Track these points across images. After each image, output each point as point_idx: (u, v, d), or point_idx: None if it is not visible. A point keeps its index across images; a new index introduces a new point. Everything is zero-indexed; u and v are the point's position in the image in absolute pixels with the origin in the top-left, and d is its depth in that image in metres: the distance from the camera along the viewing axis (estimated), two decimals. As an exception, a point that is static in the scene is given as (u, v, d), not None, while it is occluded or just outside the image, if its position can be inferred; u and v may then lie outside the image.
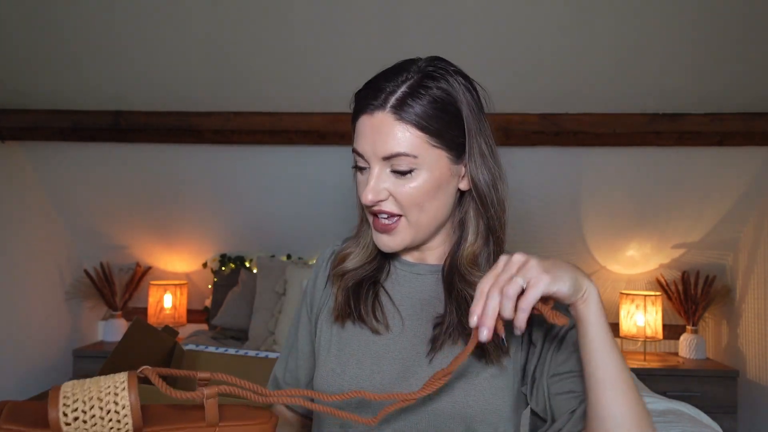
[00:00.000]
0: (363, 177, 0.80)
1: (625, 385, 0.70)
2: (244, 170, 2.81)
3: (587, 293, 0.69)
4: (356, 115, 0.79)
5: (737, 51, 2.02)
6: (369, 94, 0.78)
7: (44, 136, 2.63)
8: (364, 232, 0.88)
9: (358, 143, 0.78)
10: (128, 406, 0.56)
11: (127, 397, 0.57)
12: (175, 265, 3.28)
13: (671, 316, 3.02)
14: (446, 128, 0.78)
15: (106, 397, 0.57)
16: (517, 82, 2.22)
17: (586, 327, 0.70)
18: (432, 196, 0.78)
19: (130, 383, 0.58)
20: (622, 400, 0.69)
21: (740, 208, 2.73)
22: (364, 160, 0.78)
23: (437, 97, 0.77)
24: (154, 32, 2.06)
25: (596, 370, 0.70)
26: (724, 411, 2.67)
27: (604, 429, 0.70)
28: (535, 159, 2.61)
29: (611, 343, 0.70)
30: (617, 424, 0.69)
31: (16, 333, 2.76)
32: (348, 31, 2.03)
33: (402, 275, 0.88)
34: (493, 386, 0.79)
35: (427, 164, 0.77)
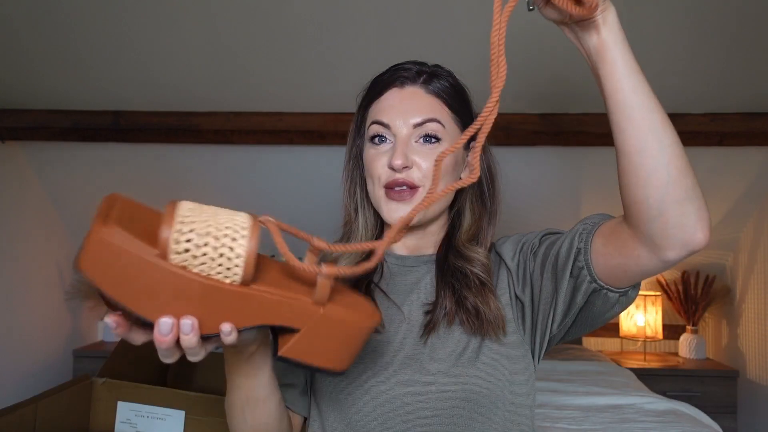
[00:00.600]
0: (381, 150, 0.83)
1: (657, 106, 0.63)
2: (244, 170, 2.81)
3: (606, 5, 0.61)
4: (382, 90, 0.84)
5: (737, 51, 2.02)
6: (398, 71, 0.84)
7: (44, 136, 2.63)
8: (353, 233, 0.89)
9: (385, 114, 0.82)
10: (243, 257, 0.51)
11: (245, 246, 0.51)
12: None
13: (671, 316, 3.02)
14: (463, 111, 0.86)
15: (223, 238, 0.51)
16: (517, 82, 2.22)
17: (605, 48, 0.63)
18: (448, 172, 0.82)
19: (252, 230, 0.53)
20: (659, 122, 0.62)
21: (740, 208, 2.73)
22: (390, 132, 0.82)
23: (454, 83, 0.86)
24: (154, 32, 2.06)
25: (626, 101, 0.62)
26: (723, 411, 2.67)
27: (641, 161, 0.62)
28: (535, 159, 2.61)
29: (634, 63, 0.64)
30: (658, 153, 0.61)
31: (15, 333, 2.76)
32: (348, 31, 2.03)
33: (395, 270, 0.88)
34: (495, 361, 0.79)
35: (450, 138, 0.82)
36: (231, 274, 0.52)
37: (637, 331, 2.88)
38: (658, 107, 0.63)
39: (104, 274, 0.50)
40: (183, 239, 0.50)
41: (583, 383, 2.22)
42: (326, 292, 0.55)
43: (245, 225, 0.53)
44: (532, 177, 2.66)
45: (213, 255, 0.51)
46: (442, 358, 0.79)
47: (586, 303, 0.74)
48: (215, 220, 0.52)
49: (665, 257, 0.63)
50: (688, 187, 0.62)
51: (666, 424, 1.78)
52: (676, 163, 0.61)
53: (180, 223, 0.51)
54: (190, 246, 0.50)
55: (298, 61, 2.18)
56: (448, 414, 0.77)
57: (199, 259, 0.50)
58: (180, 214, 0.52)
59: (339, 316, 0.57)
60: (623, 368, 2.57)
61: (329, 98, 2.33)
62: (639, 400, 2.00)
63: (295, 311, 0.55)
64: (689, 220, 0.62)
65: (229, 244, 0.51)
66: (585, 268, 0.71)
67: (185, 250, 0.50)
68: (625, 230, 0.67)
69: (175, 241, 0.50)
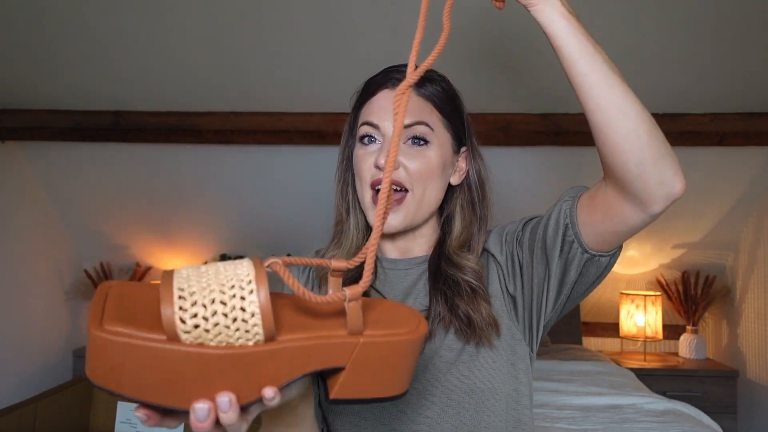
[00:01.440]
0: (369, 150, 0.83)
1: (617, 80, 0.65)
2: (244, 170, 2.81)
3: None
4: (374, 92, 0.84)
5: (737, 51, 2.02)
6: (390, 73, 0.84)
7: (44, 136, 2.63)
8: (344, 234, 0.89)
9: (375, 115, 0.83)
10: (258, 313, 0.46)
11: (256, 301, 0.46)
12: (175, 265, 3.28)
13: (671, 316, 3.02)
14: (453, 116, 0.86)
15: (231, 300, 0.46)
16: (517, 82, 2.22)
17: (553, 35, 0.66)
18: (437, 175, 0.83)
19: (258, 281, 0.47)
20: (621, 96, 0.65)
21: (740, 208, 2.73)
22: (378, 132, 0.82)
23: (446, 88, 0.86)
24: (154, 32, 2.06)
25: (584, 81, 0.65)
26: (723, 411, 2.67)
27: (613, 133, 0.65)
28: (535, 159, 2.61)
29: (586, 45, 0.65)
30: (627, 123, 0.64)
31: (16, 333, 2.76)
32: (348, 32, 2.03)
33: (389, 273, 0.89)
34: (494, 355, 0.80)
35: (438, 141, 0.83)
36: (252, 335, 0.47)
37: (637, 331, 2.88)
38: (618, 81, 0.65)
39: (118, 378, 0.45)
40: (188, 315, 0.45)
41: (583, 383, 2.22)
42: (359, 318, 0.50)
43: (250, 277, 0.47)
44: (532, 177, 2.66)
45: (226, 322, 0.46)
46: (443, 357, 0.80)
47: (579, 275, 0.76)
48: (217, 281, 0.47)
49: (652, 211, 0.67)
50: (660, 145, 0.65)
51: (666, 424, 1.78)
52: (644, 127, 0.65)
53: (180, 298, 0.46)
54: (199, 321, 0.45)
55: (298, 61, 2.18)
56: (454, 410, 0.78)
57: (213, 331, 0.46)
58: (177, 287, 0.46)
59: (381, 340, 0.51)
60: (623, 368, 2.57)
61: (329, 98, 2.33)
62: (639, 400, 2.00)
63: (333, 351, 0.50)
64: (667, 175, 0.65)
65: (239, 304, 0.46)
66: (576, 241, 0.74)
67: (195, 326, 0.45)
68: (608, 194, 0.70)
69: (180, 319, 0.45)
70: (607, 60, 0.65)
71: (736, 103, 2.31)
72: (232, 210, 3.00)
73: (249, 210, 2.99)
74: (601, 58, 0.65)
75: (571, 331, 2.99)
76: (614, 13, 1.91)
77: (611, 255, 0.75)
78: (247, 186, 2.88)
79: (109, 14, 1.98)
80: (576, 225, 0.74)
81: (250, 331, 0.46)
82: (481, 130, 2.89)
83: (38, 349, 2.89)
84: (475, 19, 1.95)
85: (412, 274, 0.87)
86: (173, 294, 0.46)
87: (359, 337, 0.51)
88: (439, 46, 0.56)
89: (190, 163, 2.79)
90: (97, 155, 2.78)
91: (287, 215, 2.96)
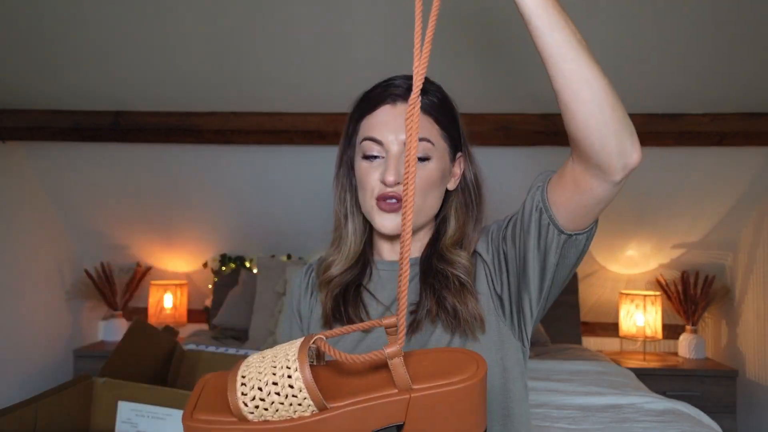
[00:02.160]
0: (374, 164, 0.86)
1: (585, 55, 0.65)
2: (244, 170, 2.81)
3: None
4: (373, 107, 0.87)
5: (737, 51, 2.02)
6: (388, 89, 0.86)
7: (44, 136, 2.63)
8: (343, 239, 0.93)
9: (378, 131, 0.85)
10: (304, 388, 0.52)
11: (300, 377, 0.52)
12: (175, 265, 3.28)
13: (671, 316, 3.02)
14: (450, 126, 0.88)
15: (281, 379, 0.53)
16: (517, 82, 2.23)
17: (524, 10, 0.66)
18: (436, 186, 0.86)
19: (300, 358, 0.53)
20: (587, 70, 0.65)
21: (740, 208, 2.73)
22: (382, 148, 0.85)
23: (442, 98, 0.89)
24: (154, 33, 2.06)
25: (553, 54, 0.65)
26: (723, 411, 2.67)
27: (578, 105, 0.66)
28: (535, 159, 2.61)
29: (557, 19, 0.64)
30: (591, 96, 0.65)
31: (16, 333, 2.77)
32: (347, 32, 2.04)
33: (384, 275, 0.92)
34: (482, 350, 0.82)
35: (438, 154, 0.86)
36: (305, 407, 0.53)
37: (637, 331, 2.88)
38: (585, 56, 0.65)
39: None
40: (249, 398, 0.53)
41: (583, 383, 2.22)
42: (404, 375, 0.52)
43: (294, 356, 0.54)
44: (532, 177, 2.66)
45: (281, 399, 0.52)
46: None
47: (560, 257, 0.79)
48: (270, 364, 0.54)
49: (613, 180, 0.70)
50: (621, 117, 0.67)
51: (665, 423, 1.79)
52: (609, 101, 0.66)
53: (242, 385, 0.54)
54: (258, 402, 0.53)
55: (298, 61, 2.18)
56: None
57: (271, 408, 0.53)
58: (240, 374, 0.54)
59: (434, 392, 0.52)
60: (623, 368, 2.57)
61: (329, 98, 2.33)
62: (638, 400, 2.00)
63: (386, 410, 0.53)
64: (626, 145, 0.68)
65: (288, 382, 0.52)
66: (551, 224, 0.77)
67: (255, 406, 0.53)
68: (575, 170, 0.73)
69: (243, 403, 0.53)
70: (576, 33, 0.66)
71: (736, 103, 2.31)
72: (232, 210, 3.00)
73: (249, 210, 2.99)
74: (571, 30, 0.65)
75: (571, 331, 2.99)
76: (614, 14, 1.91)
77: (587, 233, 0.78)
78: (247, 186, 2.88)
79: (109, 14, 1.98)
80: (549, 208, 0.77)
81: (303, 404, 0.52)
82: (481, 130, 2.89)
83: (39, 349, 2.90)
84: (475, 20, 1.95)
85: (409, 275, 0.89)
86: (237, 381, 0.54)
87: (409, 393, 0.53)
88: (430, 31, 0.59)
89: (190, 163, 2.79)
90: (98, 155, 2.78)
91: (287, 215, 2.96)
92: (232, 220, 3.06)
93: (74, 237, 3.15)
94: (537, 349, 2.77)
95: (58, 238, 3.08)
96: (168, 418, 1.31)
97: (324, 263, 0.94)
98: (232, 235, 3.14)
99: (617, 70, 2.16)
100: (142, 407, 1.32)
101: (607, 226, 2.88)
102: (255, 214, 2.99)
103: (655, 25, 1.94)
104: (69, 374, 2.99)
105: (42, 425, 1.20)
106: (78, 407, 1.32)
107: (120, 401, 1.33)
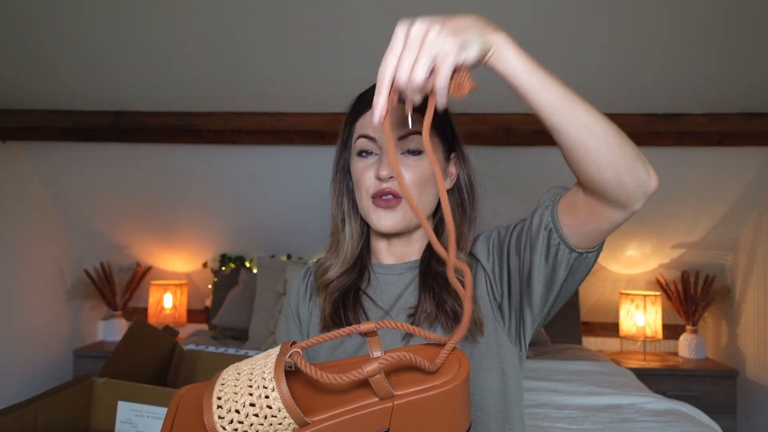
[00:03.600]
0: (368, 162, 0.86)
1: (579, 104, 0.65)
2: (244, 170, 2.81)
3: (497, 50, 0.62)
4: (367, 106, 0.87)
5: (737, 51, 2.02)
6: None
7: (44, 136, 2.63)
8: (340, 243, 0.93)
9: (371, 128, 0.86)
10: (283, 407, 0.50)
11: (278, 395, 0.50)
12: (175, 265, 3.28)
13: (671, 316, 3.02)
14: (444, 124, 0.89)
15: (258, 399, 0.50)
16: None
17: (513, 80, 0.64)
18: (431, 182, 0.86)
19: (277, 378, 0.50)
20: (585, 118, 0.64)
21: (740, 208, 2.73)
22: (376, 145, 0.86)
23: None
24: (154, 33, 2.06)
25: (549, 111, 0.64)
26: (723, 411, 2.67)
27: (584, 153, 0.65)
28: (535, 159, 2.61)
29: (545, 79, 0.63)
30: (596, 142, 0.64)
31: (16, 333, 2.77)
32: (348, 32, 2.04)
33: (382, 278, 0.92)
34: (481, 353, 0.83)
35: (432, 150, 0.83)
36: (286, 425, 0.50)
37: (637, 331, 2.88)
38: (581, 103, 0.65)
39: None
40: (227, 422, 0.50)
41: (583, 383, 2.22)
42: (385, 387, 0.51)
43: (270, 374, 0.51)
44: (532, 177, 2.67)
45: (260, 420, 0.50)
46: None
47: (569, 273, 0.78)
48: (246, 383, 0.51)
49: (634, 209, 0.70)
50: (631, 152, 0.66)
51: (666, 423, 1.79)
52: (613, 141, 0.65)
53: (218, 408, 0.51)
54: (236, 425, 0.50)
55: (298, 61, 2.18)
56: None
57: (252, 429, 0.50)
58: (215, 396, 0.52)
59: (416, 398, 0.51)
60: (623, 368, 2.57)
61: (329, 98, 2.33)
62: (639, 400, 2.00)
63: (370, 419, 0.51)
64: (642, 176, 0.67)
65: (266, 403, 0.50)
66: (561, 243, 0.76)
67: (235, 429, 0.50)
68: (589, 201, 0.71)
69: (220, 426, 0.50)
70: (566, 85, 0.65)
71: (735, 103, 2.31)
72: (232, 210, 3.00)
73: (249, 210, 2.99)
74: (559, 84, 0.64)
75: (571, 331, 2.99)
76: (614, 14, 1.91)
77: (597, 250, 0.78)
78: (247, 186, 2.88)
79: (109, 15, 1.98)
80: (560, 229, 0.76)
81: (283, 423, 0.50)
82: (481, 130, 2.88)
83: (39, 349, 2.90)
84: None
85: (405, 278, 0.91)
86: (213, 404, 0.51)
87: (392, 401, 0.51)
88: None
89: (190, 163, 2.79)
90: (98, 155, 2.78)
91: (287, 215, 2.96)
92: (232, 220, 3.06)
93: (74, 237, 3.15)
94: (537, 349, 2.77)
95: (58, 238, 3.08)
96: (168, 418, 1.31)
97: (321, 267, 0.95)
98: (232, 235, 3.14)
99: (618, 70, 2.16)
100: (142, 407, 1.32)
101: (607, 226, 2.88)
102: (255, 214, 2.99)
103: (655, 25, 1.94)
104: (69, 374, 2.99)
105: (42, 425, 1.20)
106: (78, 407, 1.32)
107: (120, 401, 1.33)
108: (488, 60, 0.62)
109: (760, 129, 2.36)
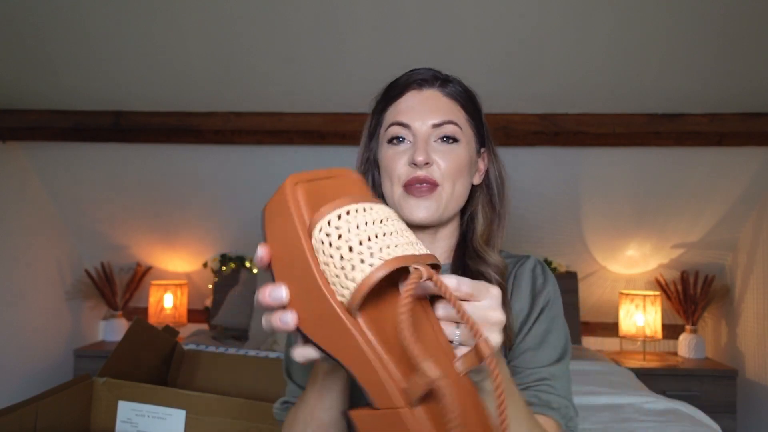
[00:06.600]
0: (400, 149, 0.83)
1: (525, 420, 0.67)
2: (244, 170, 2.81)
3: None
4: (399, 93, 0.86)
5: (737, 51, 2.02)
6: (413, 75, 0.86)
7: (45, 136, 2.63)
8: None
9: (405, 115, 0.84)
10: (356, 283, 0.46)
11: (365, 273, 0.46)
12: (175, 265, 3.28)
13: (670, 315, 3.02)
14: (475, 115, 0.88)
15: (357, 255, 0.46)
16: (517, 82, 2.23)
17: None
18: (465, 172, 0.84)
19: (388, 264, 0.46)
20: None
21: (740, 208, 2.73)
22: (409, 131, 0.83)
23: (466, 88, 0.89)
24: (154, 33, 2.06)
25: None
26: (723, 410, 2.67)
27: None
28: (535, 159, 2.62)
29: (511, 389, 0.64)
30: None
31: (16, 333, 2.77)
32: (348, 32, 2.04)
33: None
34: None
35: (465, 139, 0.85)
36: (342, 290, 0.46)
37: (637, 331, 2.88)
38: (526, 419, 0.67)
39: (269, 222, 0.50)
40: (325, 231, 0.47)
41: (583, 383, 2.22)
42: (421, 393, 0.45)
43: (387, 256, 0.46)
44: (532, 177, 2.67)
45: (336, 263, 0.46)
46: None
47: None
48: (374, 233, 0.48)
49: None
50: None
51: (665, 423, 1.79)
52: None
53: (337, 216, 0.48)
54: (325, 243, 0.47)
55: (298, 61, 2.18)
56: None
57: (324, 257, 0.47)
58: (354, 206, 0.49)
59: (423, 424, 0.46)
60: (623, 368, 2.57)
61: (329, 98, 2.33)
62: (638, 400, 2.00)
63: (380, 389, 0.46)
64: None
65: (355, 262, 0.46)
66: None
67: (321, 241, 0.47)
68: None
69: (319, 227, 0.47)
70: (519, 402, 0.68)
71: (735, 103, 2.31)
72: (232, 210, 3.00)
73: (249, 210, 2.99)
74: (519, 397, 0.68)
75: (571, 331, 2.98)
76: (614, 14, 1.91)
77: None
78: (247, 186, 2.88)
79: (109, 15, 1.98)
80: None
81: (343, 288, 0.46)
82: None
83: (39, 349, 2.90)
84: (475, 20, 1.96)
85: None
86: (345, 205, 0.48)
87: (409, 408, 0.46)
88: None
89: (190, 163, 2.79)
90: (98, 155, 2.78)
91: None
92: (232, 220, 3.06)
93: (74, 237, 3.15)
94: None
95: (58, 238, 3.08)
96: (168, 418, 1.31)
97: None
98: (232, 235, 3.14)
99: (618, 70, 2.16)
100: (142, 407, 1.32)
101: (607, 226, 2.88)
102: (255, 214, 2.97)
103: (655, 25, 1.94)
104: (69, 374, 2.99)
105: (42, 425, 1.20)
106: (78, 407, 1.32)
107: (120, 401, 1.34)
108: None
109: (759, 129, 2.37)
